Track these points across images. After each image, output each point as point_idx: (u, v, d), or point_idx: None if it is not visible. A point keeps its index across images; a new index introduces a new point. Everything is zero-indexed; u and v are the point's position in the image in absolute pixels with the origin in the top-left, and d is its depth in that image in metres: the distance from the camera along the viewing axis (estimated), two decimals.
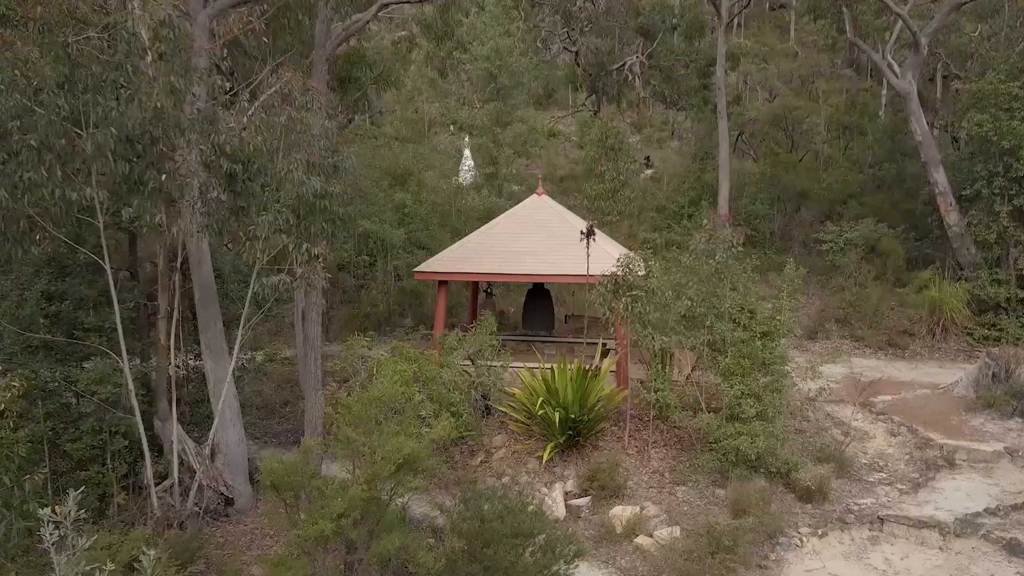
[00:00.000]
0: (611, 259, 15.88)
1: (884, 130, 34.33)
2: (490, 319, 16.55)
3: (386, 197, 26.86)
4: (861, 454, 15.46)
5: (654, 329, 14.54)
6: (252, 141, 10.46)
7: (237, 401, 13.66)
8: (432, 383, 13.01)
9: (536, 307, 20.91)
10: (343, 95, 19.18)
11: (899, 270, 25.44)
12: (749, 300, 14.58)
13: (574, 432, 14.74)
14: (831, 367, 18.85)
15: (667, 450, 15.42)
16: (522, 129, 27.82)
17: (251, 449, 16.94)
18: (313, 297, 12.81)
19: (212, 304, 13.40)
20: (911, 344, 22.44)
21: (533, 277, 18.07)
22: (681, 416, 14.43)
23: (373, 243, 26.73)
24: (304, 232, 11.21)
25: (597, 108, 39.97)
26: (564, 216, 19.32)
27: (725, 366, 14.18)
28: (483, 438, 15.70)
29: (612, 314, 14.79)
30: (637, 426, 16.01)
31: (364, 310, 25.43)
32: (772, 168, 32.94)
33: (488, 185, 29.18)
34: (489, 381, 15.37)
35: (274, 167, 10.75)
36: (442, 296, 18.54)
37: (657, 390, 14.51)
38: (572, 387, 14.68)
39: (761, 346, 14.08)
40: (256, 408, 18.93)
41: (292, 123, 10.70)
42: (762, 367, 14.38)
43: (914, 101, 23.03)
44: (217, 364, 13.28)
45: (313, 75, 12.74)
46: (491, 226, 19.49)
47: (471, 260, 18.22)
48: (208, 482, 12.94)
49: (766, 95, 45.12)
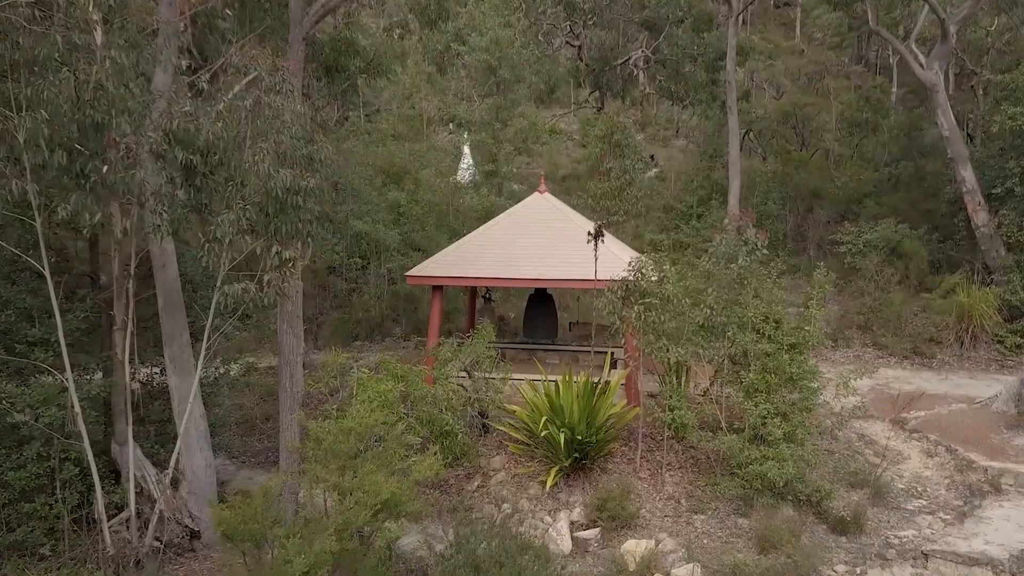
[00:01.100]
0: (620, 263, 14.46)
1: (900, 127, 32.93)
2: (488, 328, 15.14)
3: (379, 196, 25.45)
4: (897, 478, 14.04)
5: (669, 340, 13.14)
6: (212, 128, 9.04)
7: (205, 421, 12.24)
8: (422, 403, 11.57)
9: (538, 313, 19.49)
10: (330, 85, 17.77)
11: (922, 273, 24.00)
12: (775, 309, 13.17)
13: (581, 455, 13.33)
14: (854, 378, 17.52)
15: (683, 473, 14.01)
16: (523, 124, 26.37)
17: (227, 471, 15.57)
18: (288, 307, 11.39)
19: (178, 313, 11.99)
20: (938, 353, 21.00)
21: (535, 282, 16.65)
22: (700, 437, 13.00)
23: (366, 244, 25.34)
24: (275, 233, 9.80)
25: (601, 104, 38.53)
26: (568, 216, 17.90)
27: (749, 382, 12.75)
28: (480, 459, 14.29)
29: (622, 323, 13.40)
30: (649, 446, 14.61)
31: (356, 315, 24.03)
32: (784, 166, 31.51)
33: (487, 183, 27.75)
34: (487, 397, 13.96)
35: (239, 158, 9.34)
36: (436, 302, 17.11)
37: (673, 408, 13.09)
38: (579, 404, 13.26)
39: (789, 360, 12.65)
40: (235, 424, 17.53)
41: (259, 107, 9.28)
42: (789, 382, 12.96)
43: (941, 94, 21.63)
44: (182, 380, 11.86)
45: (289, 56, 11.33)
46: (490, 226, 18.06)
47: (468, 263, 16.80)
48: (170, 513, 11.54)
49: (773, 93, 44.04)
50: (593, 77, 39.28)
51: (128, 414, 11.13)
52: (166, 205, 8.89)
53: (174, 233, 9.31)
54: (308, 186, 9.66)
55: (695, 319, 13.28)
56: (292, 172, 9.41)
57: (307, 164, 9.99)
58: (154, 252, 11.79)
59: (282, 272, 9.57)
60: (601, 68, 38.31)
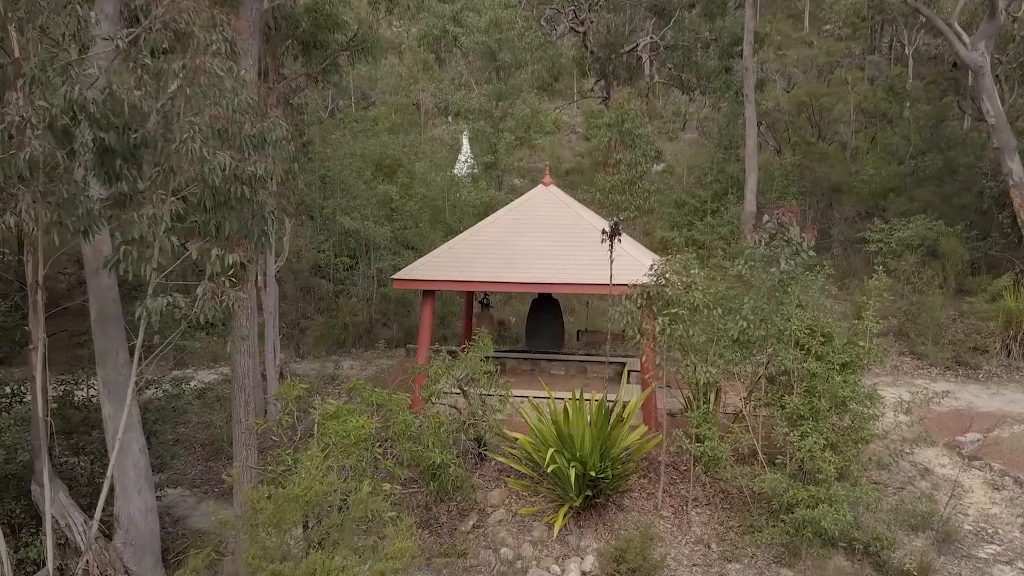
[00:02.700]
0: (639, 266, 12.47)
1: (926, 117, 30.90)
2: (486, 340, 13.13)
3: (369, 190, 23.47)
4: (961, 516, 12.05)
5: (697, 357, 11.16)
6: (128, 97, 7.04)
7: (146, 456, 10.25)
8: (404, 440, 9.57)
9: (542, 320, 17.49)
10: (308, 64, 15.76)
11: (961, 275, 22.01)
12: (822, 320, 11.18)
13: (594, 491, 11.36)
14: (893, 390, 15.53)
15: (711, 510, 12.03)
16: (525, 112, 24.34)
17: (186, 504, 13.60)
18: (243, 321, 9.40)
19: (113, 327, 10.00)
20: (983, 363, 18.98)
21: (539, 287, 14.60)
22: (735, 474, 11.00)
23: (354, 242, 23.37)
24: (216, 232, 7.81)
25: (606, 94, 36.47)
26: (576, 211, 15.88)
27: (793, 407, 10.75)
28: (476, 493, 12.31)
29: (642, 337, 11.40)
30: (672, 477, 12.65)
31: (343, 320, 22.04)
32: (804, 158, 29.49)
33: (486, 176, 25.73)
34: (484, 422, 11.98)
35: (169, 137, 7.35)
36: (427, 309, 15.12)
37: (702, 438, 11.10)
38: (591, 433, 11.27)
39: (842, 381, 10.66)
40: (201, 446, 15.57)
41: (192, 72, 7.28)
42: (840, 407, 10.97)
43: (987, 77, 19.59)
44: (118, 408, 9.86)
45: (240, 14, 9.34)
46: (488, 223, 16.05)
47: (463, 265, 14.81)
48: (101, 569, 9.55)
49: (784, 84, 42.33)
50: (598, 65, 37.24)
51: (43, 448, 9.14)
52: (64, 195, 6.89)
53: (84, 232, 7.33)
54: (257, 173, 7.67)
55: (728, 332, 11.29)
56: (234, 155, 7.41)
57: (256, 146, 7.99)
58: (87, 254, 9.84)
59: (223, 281, 7.58)
60: (607, 56, 36.29)
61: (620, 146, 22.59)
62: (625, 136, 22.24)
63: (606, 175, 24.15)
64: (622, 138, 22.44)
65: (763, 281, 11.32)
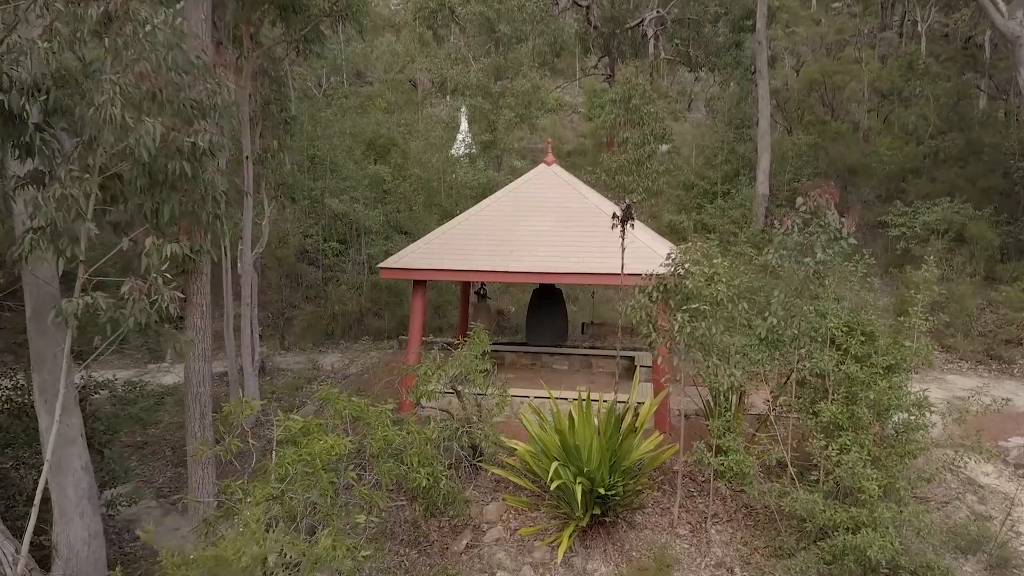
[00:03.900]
0: (652, 254, 11.14)
1: (947, 95, 29.42)
2: (483, 336, 11.81)
3: (359, 170, 22.07)
4: (1013, 536, 10.77)
5: (721, 358, 9.83)
6: (33, 51, 5.66)
7: (90, 475, 8.95)
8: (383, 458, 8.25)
9: (544, 312, 16.15)
10: (287, 30, 14.33)
11: (991, 261, 20.64)
12: (863, 317, 9.84)
13: (602, 508, 10.07)
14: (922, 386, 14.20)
15: (733, 528, 10.74)
16: (526, 87, 22.87)
17: (151, 515, 12.31)
18: (197, 320, 8.07)
19: (51, 326, 8.66)
20: (1018, 356, 17.66)
21: (541, 277, 13.23)
22: (764, 492, 9.70)
23: (344, 226, 22.00)
24: (153, 218, 6.46)
25: (610, 72, 34.94)
26: (582, 193, 14.50)
27: (831, 417, 9.44)
28: (470, 508, 11.04)
29: (657, 336, 10.06)
30: (688, 489, 11.37)
31: (332, 309, 20.70)
32: (819, 138, 28.04)
33: (485, 156, 24.29)
34: (480, 430, 10.69)
35: (90, 101, 5.98)
36: (418, 302, 13.79)
37: (725, 451, 9.79)
38: (600, 444, 9.97)
39: (887, 387, 9.33)
40: (171, 449, 14.27)
41: (117, 22, 5.89)
42: (882, 414, 9.66)
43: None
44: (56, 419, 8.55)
45: None
46: (486, 206, 14.69)
47: (458, 252, 13.47)
48: None
49: (793, 62, 41.20)
50: (602, 41, 35.68)
51: None
52: None
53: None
54: (200, 146, 6.30)
55: (756, 330, 9.97)
56: (171, 123, 6.04)
57: (206, 112, 6.62)
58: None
59: (156, 277, 6.23)
60: (611, 31, 34.73)
61: (627, 124, 21.15)
62: (632, 113, 20.79)
63: (611, 155, 22.76)
64: (629, 115, 20.98)
65: (795, 272, 9.96)
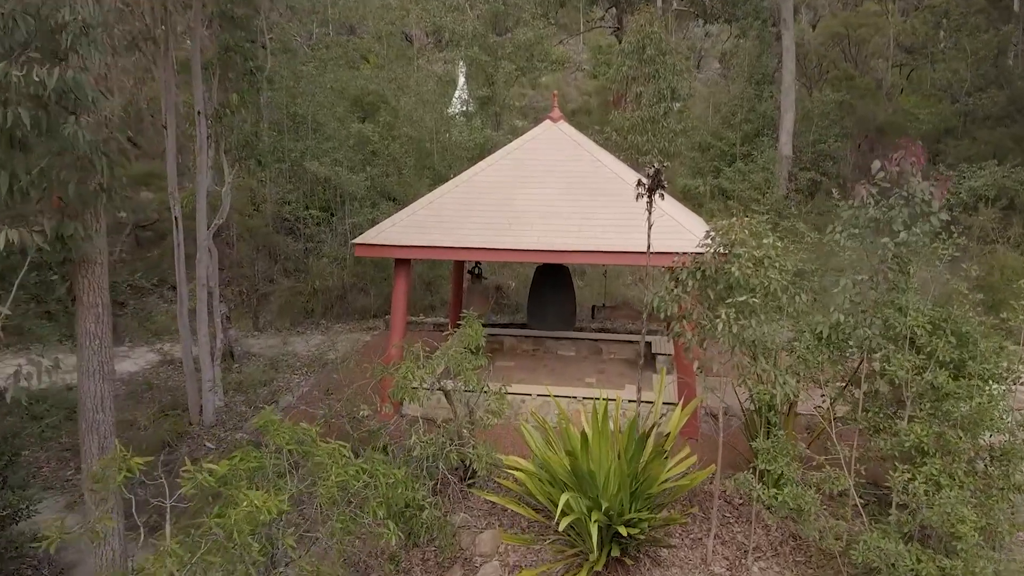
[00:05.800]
0: (680, 230, 9.10)
1: (986, 48, 27.07)
2: (476, 327, 9.81)
3: (342, 128, 19.88)
4: None
5: (768, 361, 7.82)
6: None
7: None
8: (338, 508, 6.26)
9: (548, 294, 14.11)
10: None
11: None
12: (954, 313, 7.83)
13: (621, 549, 8.16)
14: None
15: (780, 565, 8.85)
16: (528, 36, 20.55)
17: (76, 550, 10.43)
18: (88, 326, 6.05)
19: None
20: None
21: (547, 255, 11.14)
22: (825, 534, 7.76)
23: (326, 192, 19.88)
24: None
25: (619, 23, 32.47)
26: (594, 154, 12.36)
27: (914, 440, 7.45)
28: (460, 537, 9.15)
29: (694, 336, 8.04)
30: (723, 513, 9.48)
31: (312, 284, 18.68)
32: (848, 95, 25.80)
33: (482, 114, 22.06)
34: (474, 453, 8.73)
35: None
36: (401, 283, 11.75)
37: (777, 482, 7.83)
38: (620, 468, 8.02)
39: (989, 402, 7.35)
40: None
41: None
42: (972, 432, 7.69)
43: None
44: None
45: None
46: (482, 169, 12.56)
47: (448, 225, 11.41)
48: None
49: (811, 15, 39.18)
50: None
51: None
52: None
53: None
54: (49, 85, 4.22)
55: (815, 328, 7.96)
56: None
57: (77, 38, 4.52)
58: None
59: None
60: None
61: (640, 78, 18.91)
62: (647, 65, 18.52)
63: (621, 113, 20.56)
64: (642, 68, 18.72)
65: (868, 256, 7.91)
